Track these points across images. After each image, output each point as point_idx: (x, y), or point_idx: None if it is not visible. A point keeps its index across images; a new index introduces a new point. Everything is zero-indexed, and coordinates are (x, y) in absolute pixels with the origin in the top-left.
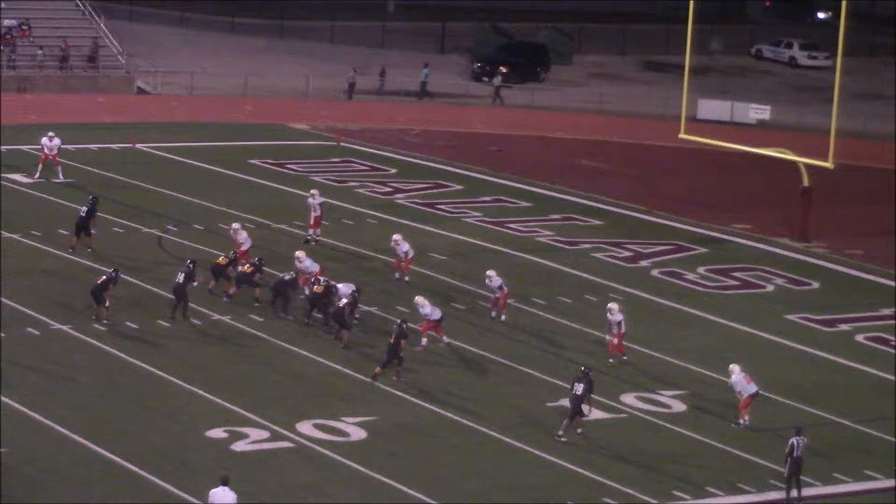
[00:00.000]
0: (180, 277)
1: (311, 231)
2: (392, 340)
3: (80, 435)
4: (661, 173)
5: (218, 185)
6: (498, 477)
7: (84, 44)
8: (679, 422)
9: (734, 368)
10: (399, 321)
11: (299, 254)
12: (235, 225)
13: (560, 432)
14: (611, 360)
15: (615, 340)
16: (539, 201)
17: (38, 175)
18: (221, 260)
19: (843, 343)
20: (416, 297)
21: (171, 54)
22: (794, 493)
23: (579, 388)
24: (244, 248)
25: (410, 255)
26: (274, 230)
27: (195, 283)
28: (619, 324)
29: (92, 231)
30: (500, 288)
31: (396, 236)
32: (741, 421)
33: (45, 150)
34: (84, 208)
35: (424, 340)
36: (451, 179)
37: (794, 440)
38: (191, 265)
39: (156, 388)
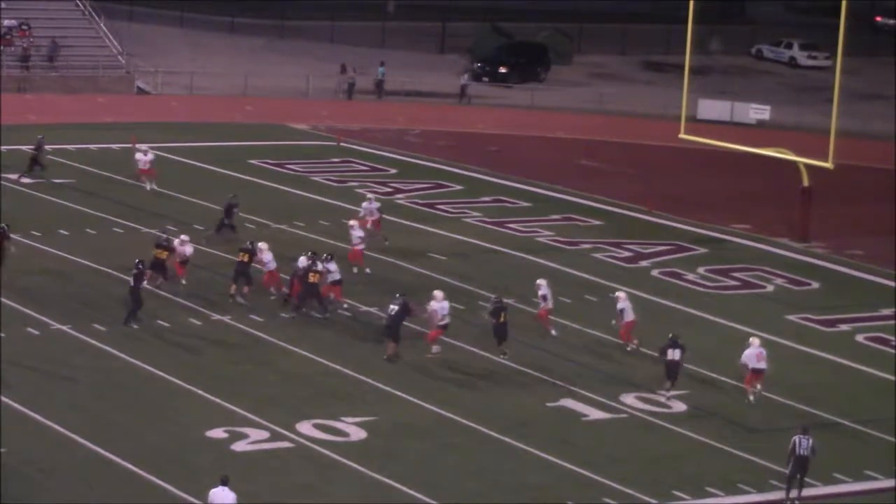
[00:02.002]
0: (132, 280)
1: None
2: (497, 320)
3: (79, 435)
4: (661, 173)
5: (218, 185)
6: (498, 477)
7: (82, 44)
8: (679, 422)
9: (754, 342)
10: (494, 297)
11: (262, 245)
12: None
13: (666, 393)
14: (629, 348)
15: (621, 329)
16: (539, 201)
17: (149, 187)
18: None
19: (843, 343)
20: (301, 257)
21: (171, 54)
22: (793, 492)
23: (676, 354)
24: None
25: (362, 247)
26: (274, 230)
27: (145, 283)
28: (621, 312)
29: (232, 226)
30: (545, 298)
31: (352, 222)
32: (750, 397)
33: (140, 166)
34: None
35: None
36: (451, 179)
37: (796, 438)
38: (140, 265)
39: (156, 389)
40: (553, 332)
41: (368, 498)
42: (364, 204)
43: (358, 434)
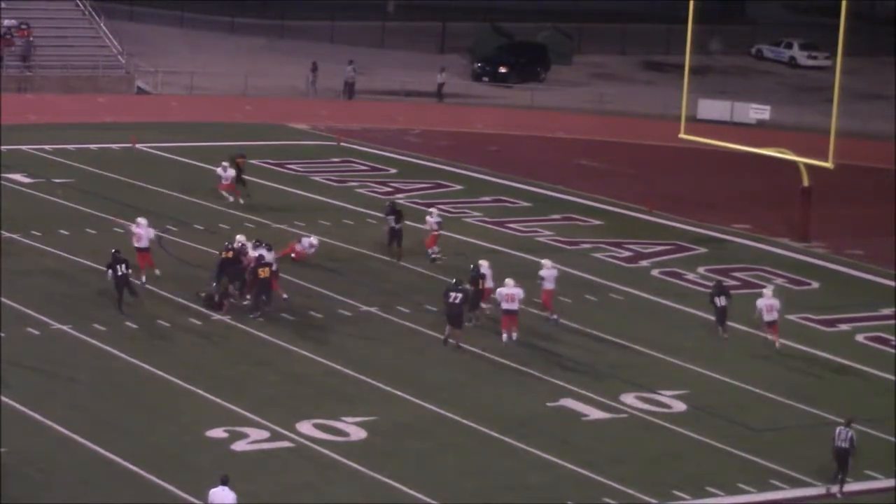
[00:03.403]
0: (121, 268)
1: (430, 249)
2: (475, 287)
3: (80, 435)
4: (661, 173)
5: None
6: (498, 477)
7: (82, 44)
8: (679, 422)
9: (767, 292)
10: (473, 266)
11: (239, 237)
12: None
13: (723, 335)
14: (554, 317)
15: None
16: (539, 201)
17: (231, 199)
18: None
19: (843, 343)
20: (238, 237)
21: (171, 54)
22: (835, 486)
23: (722, 300)
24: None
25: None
26: (274, 230)
27: (122, 272)
28: (541, 280)
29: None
30: (484, 278)
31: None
32: (776, 344)
33: (223, 181)
34: (391, 218)
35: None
36: (451, 179)
37: (837, 430)
38: (117, 253)
39: (156, 388)
40: (486, 307)
41: (368, 498)
42: (427, 218)
43: (358, 434)
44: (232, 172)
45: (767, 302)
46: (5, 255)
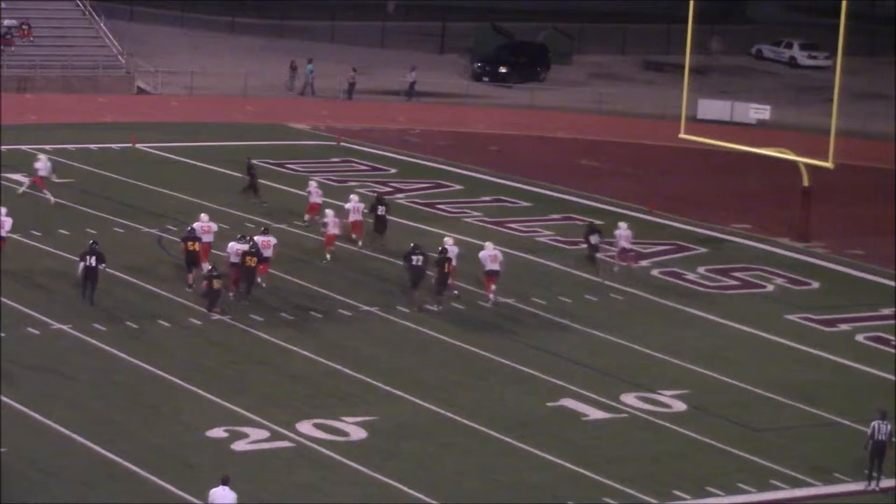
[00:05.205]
0: (91, 260)
1: (307, 217)
2: (441, 269)
3: (80, 435)
4: (661, 173)
5: (218, 185)
6: (498, 477)
7: (82, 44)
8: (679, 422)
9: (621, 225)
10: (441, 247)
11: (203, 216)
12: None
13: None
14: (455, 292)
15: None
16: (539, 201)
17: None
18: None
19: (843, 343)
20: (231, 242)
21: (171, 54)
22: (873, 477)
23: (595, 238)
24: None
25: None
26: (274, 230)
27: (90, 264)
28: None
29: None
30: (325, 225)
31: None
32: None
33: (39, 174)
34: (381, 208)
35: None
36: (451, 179)
37: (875, 423)
38: (94, 245)
39: (156, 388)
40: (328, 257)
41: (368, 498)
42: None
43: (358, 434)
44: (48, 164)
45: (624, 233)
46: (5, 255)
